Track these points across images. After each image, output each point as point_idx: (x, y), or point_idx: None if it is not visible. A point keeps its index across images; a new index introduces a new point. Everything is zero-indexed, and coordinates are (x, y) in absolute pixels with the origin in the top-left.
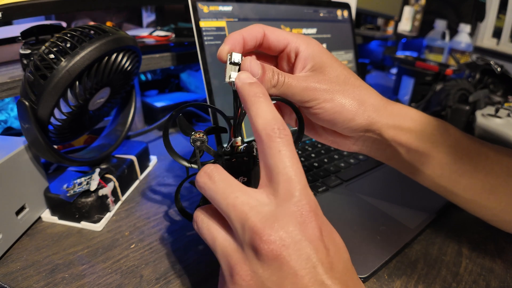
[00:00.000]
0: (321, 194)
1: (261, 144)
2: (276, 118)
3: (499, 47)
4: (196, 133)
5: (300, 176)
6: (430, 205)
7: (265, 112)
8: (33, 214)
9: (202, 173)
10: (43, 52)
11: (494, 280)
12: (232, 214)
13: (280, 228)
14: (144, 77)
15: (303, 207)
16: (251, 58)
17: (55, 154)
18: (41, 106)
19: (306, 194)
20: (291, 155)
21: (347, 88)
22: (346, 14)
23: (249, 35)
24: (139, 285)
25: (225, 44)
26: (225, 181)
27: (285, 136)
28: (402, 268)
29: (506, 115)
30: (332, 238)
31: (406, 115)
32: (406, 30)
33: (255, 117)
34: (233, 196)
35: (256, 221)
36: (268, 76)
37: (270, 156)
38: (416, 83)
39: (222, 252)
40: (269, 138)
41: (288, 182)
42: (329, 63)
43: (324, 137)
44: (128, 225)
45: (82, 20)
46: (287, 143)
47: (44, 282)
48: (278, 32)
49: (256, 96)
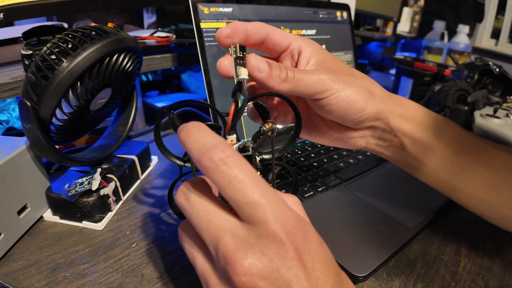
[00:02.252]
0: (320, 194)
1: (209, 177)
2: (209, 142)
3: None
4: None
5: (266, 195)
6: (429, 204)
7: (195, 139)
8: (35, 214)
9: (179, 192)
10: (45, 52)
11: (492, 279)
12: (206, 238)
13: (254, 256)
14: (145, 77)
15: (278, 229)
16: (255, 55)
17: (57, 154)
18: (42, 106)
19: (280, 213)
20: (244, 176)
21: (355, 78)
22: (345, 15)
23: (254, 30)
24: (140, 284)
25: (228, 27)
26: (200, 201)
27: (228, 158)
28: (401, 267)
29: (504, 115)
30: (318, 255)
31: (408, 105)
32: (405, 31)
33: (189, 151)
34: (206, 219)
35: (228, 250)
36: (276, 72)
37: (223, 189)
38: (415, 84)
39: (201, 273)
40: (211, 171)
41: (255, 209)
42: (331, 58)
43: (329, 135)
44: (129, 225)
45: (84, 21)
46: (235, 166)
47: (45, 281)
48: (281, 32)
49: (185, 129)
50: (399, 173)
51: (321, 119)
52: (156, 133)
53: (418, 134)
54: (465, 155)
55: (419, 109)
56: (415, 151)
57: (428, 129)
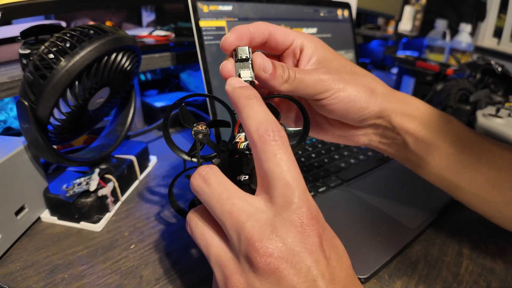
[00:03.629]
0: (321, 194)
1: (255, 148)
2: (270, 119)
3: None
4: (199, 124)
5: (298, 180)
6: (431, 205)
7: (258, 113)
8: (33, 215)
9: (196, 176)
10: (43, 52)
11: (495, 280)
12: (228, 222)
13: (278, 239)
14: (144, 77)
15: (303, 214)
16: (261, 54)
17: (55, 154)
18: (40, 106)
19: (306, 200)
20: (287, 158)
21: (356, 77)
22: (346, 13)
23: (257, 31)
24: (138, 286)
25: (232, 33)
26: (222, 185)
27: (280, 138)
28: (403, 269)
29: (507, 115)
30: (334, 246)
31: (411, 103)
32: (406, 29)
33: (246, 119)
34: (230, 202)
35: (253, 232)
36: (279, 72)
37: (265, 160)
38: (416, 83)
39: (216, 260)
40: (263, 141)
41: (286, 187)
42: (333, 56)
43: (331, 132)
44: (127, 226)
45: (82, 20)
46: (283, 146)
47: (43, 282)
48: (283, 30)
49: (247, 98)
50: (400, 173)
51: (323, 117)
52: (165, 126)
53: (421, 132)
54: (468, 153)
55: (422, 107)
56: (418, 149)
57: (431, 127)
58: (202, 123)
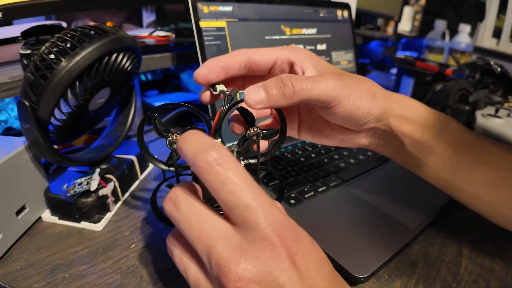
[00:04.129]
0: (321, 194)
1: (202, 179)
2: (204, 144)
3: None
4: (173, 134)
5: (258, 198)
6: (430, 205)
7: (190, 140)
8: (33, 214)
9: (167, 200)
10: (43, 52)
11: (494, 280)
12: (198, 247)
13: (248, 261)
14: (144, 77)
15: (270, 232)
16: (251, 88)
17: (55, 154)
18: (41, 106)
19: (272, 216)
20: (237, 178)
21: (359, 82)
22: (346, 14)
23: (232, 60)
24: (139, 285)
25: (202, 68)
26: (190, 208)
27: (222, 159)
28: (402, 268)
29: (506, 115)
30: (311, 256)
31: (410, 105)
32: (406, 30)
33: (184, 154)
34: (197, 227)
35: (222, 256)
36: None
37: (215, 191)
38: (416, 83)
39: (194, 284)
40: (206, 171)
41: (247, 211)
42: (324, 63)
43: (333, 137)
44: (128, 225)
45: (82, 20)
46: (229, 167)
47: (44, 282)
48: (263, 51)
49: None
50: (400, 173)
51: (325, 122)
52: (139, 136)
53: (418, 134)
54: (465, 154)
55: (420, 108)
56: (415, 151)
57: (429, 129)
58: (177, 133)
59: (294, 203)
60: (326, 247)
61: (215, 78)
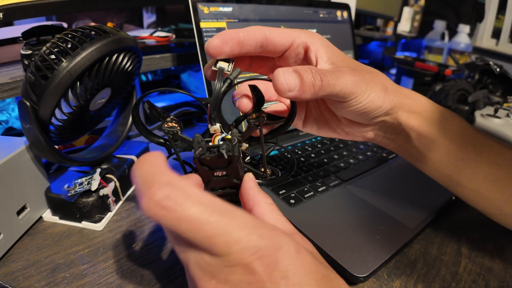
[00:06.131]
0: (321, 194)
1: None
2: (148, 179)
3: (498, 47)
4: (167, 122)
5: (220, 222)
6: (430, 204)
7: (143, 168)
8: (34, 214)
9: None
10: (44, 52)
11: (493, 279)
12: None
13: (219, 285)
14: (145, 77)
15: (240, 256)
16: (285, 70)
17: (56, 154)
18: (42, 106)
19: (240, 239)
20: (191, 214)
21: (373, 76)
22: (345, 14)
23: (248, 35)
24: (139, 285)
25: (217, 37)
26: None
27: (166, 199)
28: (402, 268)
29: (505, 115)
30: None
31: (417, 99)
32: (405, 30)
33: (132, 178)
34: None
35: (195, 276)
36: (309, 81)
37: (174, 231)
38: (415, 84)
39: None
40: (156, 216)
41: (213, 241)
42: (338, 51)
43: (339, 130)
44: (128, 225)
45: (83, 21)
46: (176, 204)
47: (45, 281)
48: (280, 31)
49: (136, 162)
50: (399, 173)
51: (332, 115)
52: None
53: (425, 128)
54: (469, 150)
55: (427, 103)
56: (420, 145)
57: (434, 123)
58: (174, 119)
59: (294, 203)
60: (325, 247)
61: (229, 51)
